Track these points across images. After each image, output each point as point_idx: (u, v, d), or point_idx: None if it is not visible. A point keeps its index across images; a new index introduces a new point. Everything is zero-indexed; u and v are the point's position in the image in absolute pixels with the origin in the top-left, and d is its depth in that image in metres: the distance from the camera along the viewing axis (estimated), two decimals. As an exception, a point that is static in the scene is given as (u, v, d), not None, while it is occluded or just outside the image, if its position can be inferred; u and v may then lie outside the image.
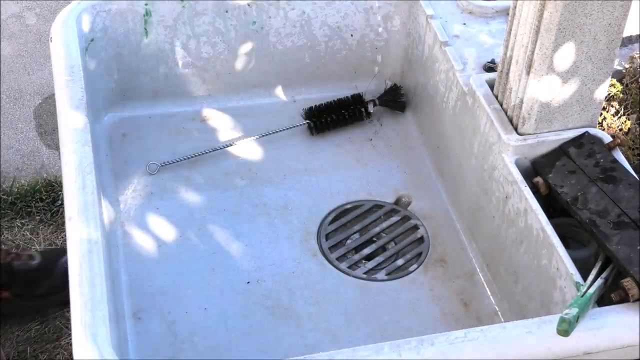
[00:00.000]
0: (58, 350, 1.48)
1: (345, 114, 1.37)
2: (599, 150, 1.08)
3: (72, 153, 1.03)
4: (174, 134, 1.36)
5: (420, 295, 1.17)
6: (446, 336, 0.88)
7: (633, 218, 0.99)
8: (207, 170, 1.31)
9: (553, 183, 1.07)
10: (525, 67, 1.07)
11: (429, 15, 1.31)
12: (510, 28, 1.10)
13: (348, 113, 1.37)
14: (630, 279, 0.92)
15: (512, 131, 1.11)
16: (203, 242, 1.19)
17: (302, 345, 1.10)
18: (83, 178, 1.00)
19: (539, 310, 1.05)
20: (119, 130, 1.35)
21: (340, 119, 1.37)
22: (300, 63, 1.43)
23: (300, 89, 1.44)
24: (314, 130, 1.36)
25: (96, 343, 0.82)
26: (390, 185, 1.31)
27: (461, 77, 1.22)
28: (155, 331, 1.10)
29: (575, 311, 0.88)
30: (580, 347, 0.89)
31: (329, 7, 1.38)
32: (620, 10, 1.02)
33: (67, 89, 1.10)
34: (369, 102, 1.38)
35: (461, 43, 1.28)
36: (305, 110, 1.36)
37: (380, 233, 1.24)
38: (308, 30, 1.40)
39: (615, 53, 1.06)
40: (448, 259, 1.22)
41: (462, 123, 1.22)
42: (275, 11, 1.37)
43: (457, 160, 1.25)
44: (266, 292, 1.16)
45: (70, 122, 1.06)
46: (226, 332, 1.11)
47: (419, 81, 1.37)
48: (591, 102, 1.10)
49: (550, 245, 1.01)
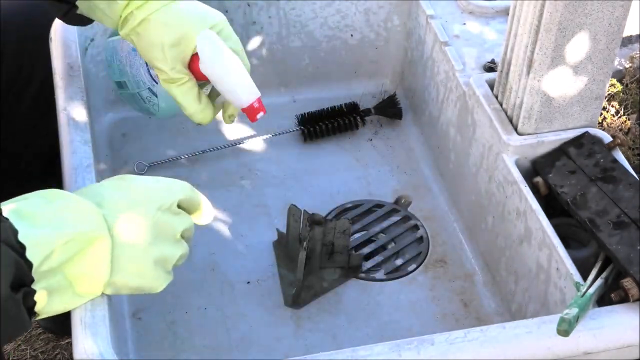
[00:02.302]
0: (58, 351, 1.48)
1: (340, 122, 1.36)
2: (599, 150, 1.08)
3: (72, 153, 1.03)
4: (174, 134, 1.36)
5: (420, 295, 1.17)
6: (446, 336, 0.88)
7: (633, 218, 0.99)
8: (207, 170, 1.31)
9: (553, 183, 1.07)
10: (525, 67, 1.07)
11: (429, 15, 1.31)
12: (510, 28, 1.10)
13: (343, 121, 1.36)
14: (630, 279, 0.92)
15: (512, 131, 1.11)
16: (203, 242, 1.19)
17: (302, 345, 1.10)
18: (83, 178, 1.00)
19: (539, 310, 1.05)
20: (119, 130, 1.35)
21: (335, 127, 1.36)
22: (300, 63, 1.43)
23: (300, 89, 1.44)
24: (307, 138, 1.36)
25: (96, 343, 0.82)
26: (390, 185, 1.31)
27: (461, 77, 1.22)
28: (155, 331, 1.10)
29: (575, 311, 0.88)
30: (580, 347, 0.89)
31: (329, 7, 1.38)
32: (620, 10, 1.02)
33: (67, 89, 1.10)
34: (365, 111, 1.38)
35: (461, 43, 1.28)
36: (298, 116, 1.36)
37: (380, 233, 1.24)
38: (308, 31, 1.40)
39: (615, 53, 1.06)
40: (448, 259, 1.22)
41: (462, 123, 1.22)
42: (276, 11, 1.37)
43: (457, 160, 1.25)
44: (266, 292, 1.16)
45: (70, 122, 1.06)
46: (226, 332, 1.11)
47: (418, 81, 1.37)
48: (591, 102, 1.10)
49: (550, 245, 1.01)
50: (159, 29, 0.96)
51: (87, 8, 1.00)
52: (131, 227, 0.81)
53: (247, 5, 1.36)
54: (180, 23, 0.96)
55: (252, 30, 1.38)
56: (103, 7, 0.98)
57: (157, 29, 0.96)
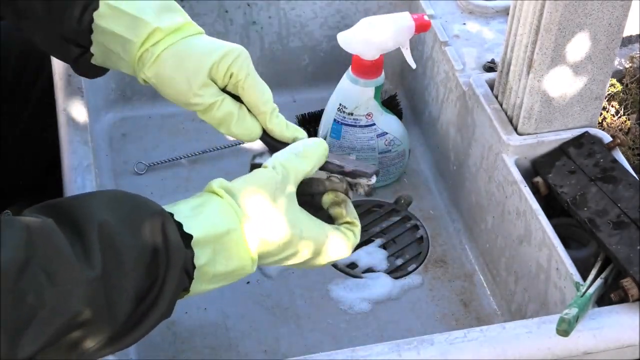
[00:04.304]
0: (58, 350, 1.48)
1: None
2: (599, 150, 1.08)
3: (71, 153, 1.03)
4: (174, 134, 1.36)
5: (420, 295, 1.17)
6: (446, 336, 0.88)
7: (633, 218, 0.99)
8: (207, 170, 1.31)
9: (553, 183, 1.07)
10: (525, 67, 1.07)
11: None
12: (510, 28, 1.10)
13: None
14: (630, 278, 0.92)
15: (512, 131, 1.11)
16: (203, 242, 1.19)
17: (302, 345, 1.10)
18: (83, 178, 1.00)
19: (539, 310, 1.05)
20: (119, 130, 1.36)
21: None
22: (300, 63, 1.43)
23: (300, 89, 1.44)
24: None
25: (96, 343, 0.81)
26: (390, 185, 1.31)
27: (461, 77, 1.22)
28: (155, 331, 1.09)
29: (575, 311, 0.88)
30: (580, 347, 0.89)
31: (329, 7, 1.38)
32: (620, 10, 1.02)
33: (66, 88, 1.10)
34: None
35: (461, 43, 1.28)
36: (298, 116, 1.36)
37: (380, 233, 1.24)
38: (308, 31, 1.40)
39: (615, 53, 1.06)
40: (448, 259, 1.22)
41: (462, 123, 1.22)
42: (276, 11, 1.37)
43: (457, 160, 1.25)
44: (266, 292, 1.16)
45: (70, 122, 1.06)
46: (226, 332, 1.11)
47: (418, 81, 1.37)
48: (591, 102, 1.10)
49: (550, 245, 1.01)
50: (178, 60, 0.92)
51: (103, 55, 0.96)
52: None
53: (247, 5, 1.36)
54: (197, 51, 0.93)
55: (252, 30, 1.38)
56: (118, 50, 0.94)
57: (175, 60, 0.92)
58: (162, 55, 0.93)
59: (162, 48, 0.92)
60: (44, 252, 0.70)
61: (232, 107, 0.94)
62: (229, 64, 0.92)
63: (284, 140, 0.96)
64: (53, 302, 0.70)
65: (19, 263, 0.69)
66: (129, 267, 0.75)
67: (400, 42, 1.19)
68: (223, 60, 0.92)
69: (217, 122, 0.95)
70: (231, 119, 0.94)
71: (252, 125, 0.95)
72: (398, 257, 1.21)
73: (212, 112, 0.94)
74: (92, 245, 0.73)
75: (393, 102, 1.37)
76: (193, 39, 0.94)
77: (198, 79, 0.92)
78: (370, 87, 1.21)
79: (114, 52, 0.94)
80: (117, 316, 0.75)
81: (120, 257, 0.74)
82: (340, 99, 1.23)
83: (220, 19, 1.36)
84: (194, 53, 0.93)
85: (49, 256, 0.71)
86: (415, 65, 1.22)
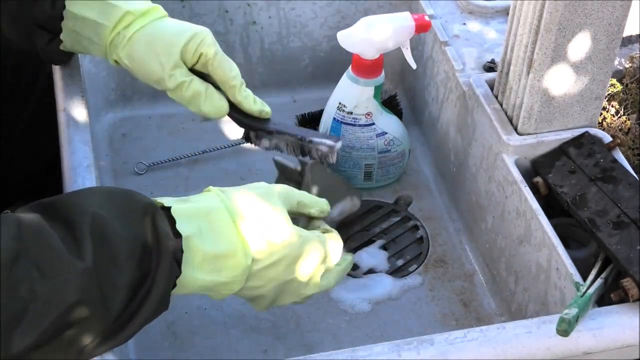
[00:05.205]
0: (58, 350, 1.48)
1: None
2: (599, 150, 1.08)
3: (71, 153, 1.03)
4: (174, 134, 1.36)
5: (420, 295, 1.17)
6: (446, 336, 0.88)
7: (633, 218, 0.99)
8: (207, 170, 1.31)
9: (553, 183, 1.07)
10: (525, 67, 1.07)
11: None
12: (510, 28, 1.10)
13: None
14: (630, 279, 0.92)
15: (512, 131, 1.11)
16: (203, 242, 1.19)
17: (302, 345, 1.10)
18: (83, 178, 1.00)
19: (539, 310, 1.05)
20: (119, 130, 1.36)
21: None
22: (300, 63, 1.43)
23: (300, 89, 1.44)
24: None
25: (96, 343, 0.82)
26: (390, 185, 1.31)
27: (461, 77, 1.22)
28: (155, 331, 1.10)
29: (575, 311, 0.88)
30: (580, 347, 0.89)
31: (329, 7, 1.38)
32: (620, 10, 1.02)
33: (66, 88, 1.10)
34: None
35: (461, 43, 1.28)
36: (298, 116, 1.36)
37: (380, 233, 1.24)
38: (308, 31, 1.40)
39: (615, 53, 1.06)
40: (448, 259, 1.22)
41: (461, 123, 1.22)
42: (276, 11, 1.37)
43: (457, 160, 1.25)
44: (266, 292, 1.16)
45: (70, 122, 1.06)
46: (226, 332, 1.11)
47: (418, 81, 1.37)
48: (591, 102, 1.10)
49: (550, 245, 1.01)
50: (149, 41, 0.98)
51: (72, 40, 1.00)
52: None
53: (247, 5, 1.36)
54: (167, 33, 0.98)
55: (252, 30, 1.38)
56: (90, 34, 0.99)
57: (147, 42, 0.98)
58: (133, 38, 0.98)
59: (133, 30, 0.98)
60: (33, 246, 0.71)
61: (200, 87, 1.00)
62: (197, 44, 0.98)
63: (251, 113, 1.04)
64: (45, 295, 0.70)
65: (11, 256, 0.69)
66: (122, 258, 0.75)
67: (400, 42, 1.19)
68: (192, 41, 0.98)
69: (187, 100, 1.00)
70: (199, 98, 1.00)
71: (220, 102, 1.02)
72: (399, 257, 1.21)
73: (181, 92, 1.00)
74: (83, 237, 0.74)
75: (393, 102, 1.37)
76: (161, 21, 0.99)
77: (171, 60, 0.98)
78: (370, 87, 1.21)
79: (85, 36, 0.99)
80: (111, 308, 0.75)
81: (112, 249, 0.75)
82: (339, 97, 1.23)
83: (220, 19, 1.36)
84: (164, 35, 0.98)
85: (39, 250, 0.71)
86: (415, 65, 1.22)
